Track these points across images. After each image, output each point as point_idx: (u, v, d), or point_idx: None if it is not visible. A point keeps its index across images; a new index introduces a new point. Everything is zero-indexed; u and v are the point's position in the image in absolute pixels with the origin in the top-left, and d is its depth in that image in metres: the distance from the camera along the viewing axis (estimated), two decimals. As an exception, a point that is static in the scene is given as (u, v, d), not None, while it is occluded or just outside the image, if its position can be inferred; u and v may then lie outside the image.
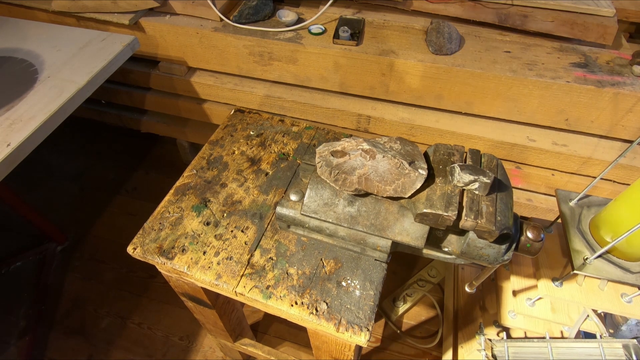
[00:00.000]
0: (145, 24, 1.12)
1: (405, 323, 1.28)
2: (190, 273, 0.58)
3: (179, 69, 1.21)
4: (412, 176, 0.51)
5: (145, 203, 1.58)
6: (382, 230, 0.53)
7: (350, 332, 0.52)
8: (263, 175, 0.70)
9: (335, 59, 1.04)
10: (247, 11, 1.09)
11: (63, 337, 1.24)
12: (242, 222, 0.64)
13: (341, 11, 1.15)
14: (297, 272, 0.58)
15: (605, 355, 0.71)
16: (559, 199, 0.74)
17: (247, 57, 1.12)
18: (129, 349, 1.21)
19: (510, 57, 1.00)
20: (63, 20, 1.19)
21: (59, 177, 1.68)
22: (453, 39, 1.00)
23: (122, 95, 1.38)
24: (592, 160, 1.01)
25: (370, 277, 0.57)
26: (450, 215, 0.47)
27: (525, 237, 0.51)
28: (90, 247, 1.45)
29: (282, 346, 1.23)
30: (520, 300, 0.79)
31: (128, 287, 1.35)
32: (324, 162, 0.53)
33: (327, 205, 0.54)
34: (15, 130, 0.78)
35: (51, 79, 0.89)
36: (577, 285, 0.71)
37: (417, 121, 1.09)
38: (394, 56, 1.00)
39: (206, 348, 1.22)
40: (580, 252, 0.66)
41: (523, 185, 1.13)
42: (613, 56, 1.02)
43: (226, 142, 0.76)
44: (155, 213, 0.65)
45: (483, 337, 0.86)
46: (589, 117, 0.98)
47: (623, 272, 0.64)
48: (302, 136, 0.77)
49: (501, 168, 0.53)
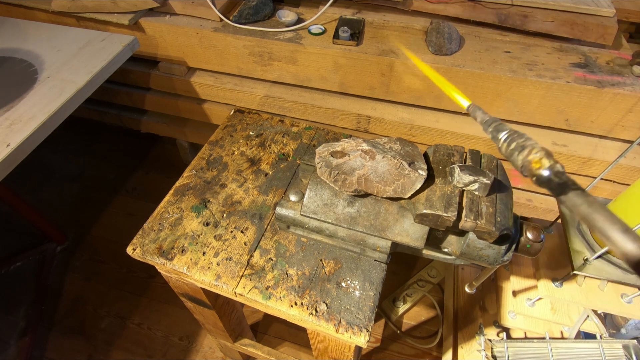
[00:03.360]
0: (145, 24, 1.12)
1: (405, 323, 1.28)
2: (189, 274, 0.58)
3: (178, 69, 1.21)
4: (411, 177, 0.50)
5: (145, 203, 1.58)
6: (382, 230, 0.53)
7: (350, 333, 0.52)
8: (263, 176, 0.70)
9: (335, 59, 1.04)
10: (247, 11, 1.09)
11: (63, 337, 1.24)
12: (242, 223, 0.63)
13: (341, 11, 1.15)
14: (297, 272, 0.58)
15: (605, 355, 0.71)
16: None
17: (247, 57, 1.12)
18: (129, 349, 1.22)
19: (510, 57, 1.00)
20: (63, 20, 1.19)
21: (59, 177, 1.68)
22: (453, 39, 1.00)
23: (122, 96, 1.38)
24: (592, 161, 1.01)
25: (370, 277, 0.57)
26: (450, 216, 0.46)
27: (525, 238, 0.51)
28: (90, 247, 1.45)
29: (282, 346, 1.23)
30: (520, 300, 0.79)
31: (128, 287, 1.35)
32: (323, 163, 0.53)
33: (327, 206, 0.54)
34: (15, 130, 0.78)
35: (51, 79, 0.89)
36: (577, 286, 0.71)
37: (417, 121, 1.09)
38: (393, 56, 1.00)
39: (206, 348, 1.22)
40: (580, 252, 0.66)
41: (523, 185, 1.13)
42: (613, 56, 1.02)
43: (226, 142, 0.76)
44: (155, 213, 0.65)
45: (483, 337, 0.86)
46: (589, 117, 0.98)
47: (623, 273, 0.64)
48: (301, 136, 0.77)
49: (501, 168, 0.53)
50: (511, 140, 0.32)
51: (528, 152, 0.29)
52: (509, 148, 0.31)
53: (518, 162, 0.30)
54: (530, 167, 0.29)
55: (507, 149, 0.32)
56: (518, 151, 0.30)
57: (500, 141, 0.33)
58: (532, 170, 0.29)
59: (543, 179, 0.28)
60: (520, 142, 0.31)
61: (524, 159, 0.29)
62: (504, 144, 0.32)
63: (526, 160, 0.29)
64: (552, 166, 0.28)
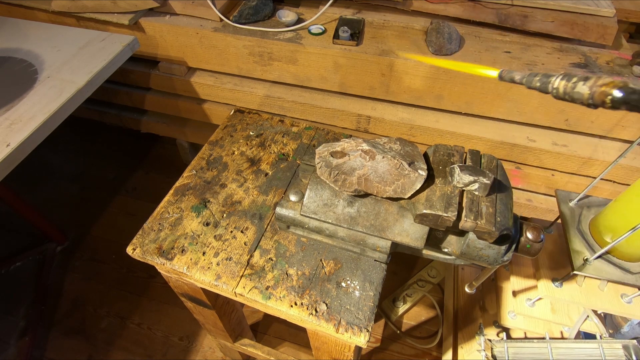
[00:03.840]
0: (145, 24, 1.12)
1: (405, 323, 1.28)
2: (189, 274, 0.58)
3: (178, 69, 1.21)
4: (411, 177, 0.50)
5: (145, 203, 1.58)
6: (382, 230, 0.53)
7: (350, 333, 0.52)
8: (263, 176, 0.70)
9: (335, 59, 1.04)
10: (247, 11, 1.09)
11: (63, 337, 1.24)
12: (242, 223, 0.63)
13: (341, 11, 1.15)
14: (297, 272, 0.58)
15: (605, 355, 0.71)
16: (559, 200, 0.74)
17: (247, 57, 1.12)
18: (129, 349, 1.22)
19: (510, 58, 1.00)
20: (63, 20, 1.19)
21: (59, 177, 1.68)
22: (453, 39, 1.00)
23: (122, 96, 1.38)
24: (592, 161, 1.01)
25: (370, 277, 0.57)
26: (450, 216, 0.46)
27: (525, 238, 0.51)
28: (90, 247, 1.45)
29: (282, 346, 1.23)
30: (520, 300, 0.79)
31: (128, 287, 1.35)
32: (323, 163, 0.53)
33: (327, 206, 0.54)
34: (15, 130, 0.78)
35: (51, 79, 0.89)
36: (577, 286, 0.71)
37: (417, 121, 1.09)
38: (393, 56, 1.00)
39: (206, 348, 1.22)
40: (580, 252, 0.66)
41: (523, 185, 1.13)
42: (613, 56, 1.02)
43: (226, 142, 0.76)
44: (155, 213, 0.65)
45: (483, 337, 0.86)
46: (589, 117, 0.98)
47: (623, 273, 0.64)
48: (301, 136, 0.77)
49: (501, 168, 0.53)
50: (569, 78, 0.32)
51: (595, 81, 0.30)
52: (570, 82, 0.32)
53: (585, 90, 0.30)
54: (600, 91, 0.29)
55: (568, 84, 0.32)
56: (583, 81, 0.31)
57: (556, 82, 0.33)
58: (604, 94, 0.29)
59: (618, 99, 0.28)
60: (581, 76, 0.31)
61: (592, 85, 0.30)
62: (562, 82, 0.32)
63: (595, 86, 0.29)
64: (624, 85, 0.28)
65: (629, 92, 0.28)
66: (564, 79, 0.32)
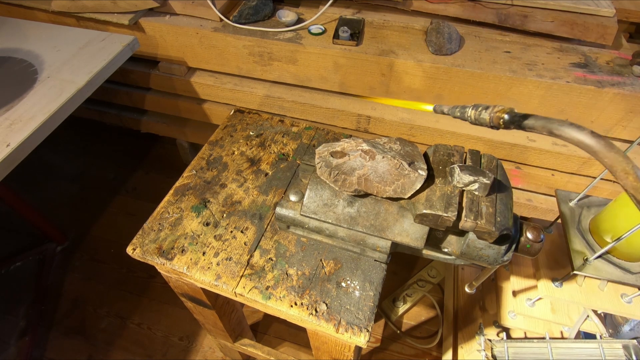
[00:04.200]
0: (145, 24, 1.12)
1: (405, 323, 1.28)
2: (189, 274, 0.58)
3: (178, 69, 1.21)
4: (411, 177, 0.50)
5: (145, 203, 1.58)
6: (382, 230, 0.53)
7: (350, 333, 0.52)
8: (263, 176, 0.70)
9: (335, 59, 1.04)
10: (247, 11, 1.09)
11: (63, 337, 1.24)
12: (242, 223, 0.63)
13: (341, 11, 1.15)
14: (297, 272, 0.58)
15: (605, 355, 0.71)
16: (559, 199, 0.74)
17: (247, 57, 1.12)
18: (129, 349, 1.22)
19: (510, 57, 1.00)
20: (63, 20, 1.19)
21: (59, 177, 1.68)
22: (453, 39, 1.00)
23: (121, 96, 1.38)
24: (592, 161, 1.01)
25: (370, 277, 0.57)
26: (450, 216, 0.46)
27: (525, 238, 0.51)
28: (90, 247, 1.45)
29: (282, 346, 1.23)
30: (520, 300, 0.79)
31: (128, 287, 1.35)
32: (323, 163, 0.53)
33: (327, 206, 0.54)
34: (15, 130, 0.78)
35: (51, 79, 0.89)
36: (577, 286, 0.71)
37: (417, 121, 1.09)
38: (393, 56, 1.00)
39: (206, 348, 1.22)
40: (580, 252, 0.66)
41: (523, 185, 1.13)
42: (613, 56, 1.02)
43: (226, 142, 0.76)
44: (155, 213, 0.65)
45: (483, 337, 0.86)
46: (589, 117, 0.98)
47: (623, 273, 0.64)
48: (301, 136, 0.77)
49: (501, 168, 0.53)
50: (476, 108, 0.41)
51: (492, 109, 0.39)
52: (477, 111, 0.40)
53: (487, 117, 0.39)
54: (495, 116, 0.38)
55: (476, 113, 0.41)
56: (484, 110, 0.40)
57: (468, 112, 0.42)
58: (498, 118, 0.38)
59: (507, 120, 0.37)
60: (484, 106, 0.40)
61: (490, 113, 0.39)
62: (472, 112, 0.41)
63: (492, 112, 0.38)
64: (510, 111, 0.37)
65: (513, 115, 0.36)
66: (474, 109, 0.41)
